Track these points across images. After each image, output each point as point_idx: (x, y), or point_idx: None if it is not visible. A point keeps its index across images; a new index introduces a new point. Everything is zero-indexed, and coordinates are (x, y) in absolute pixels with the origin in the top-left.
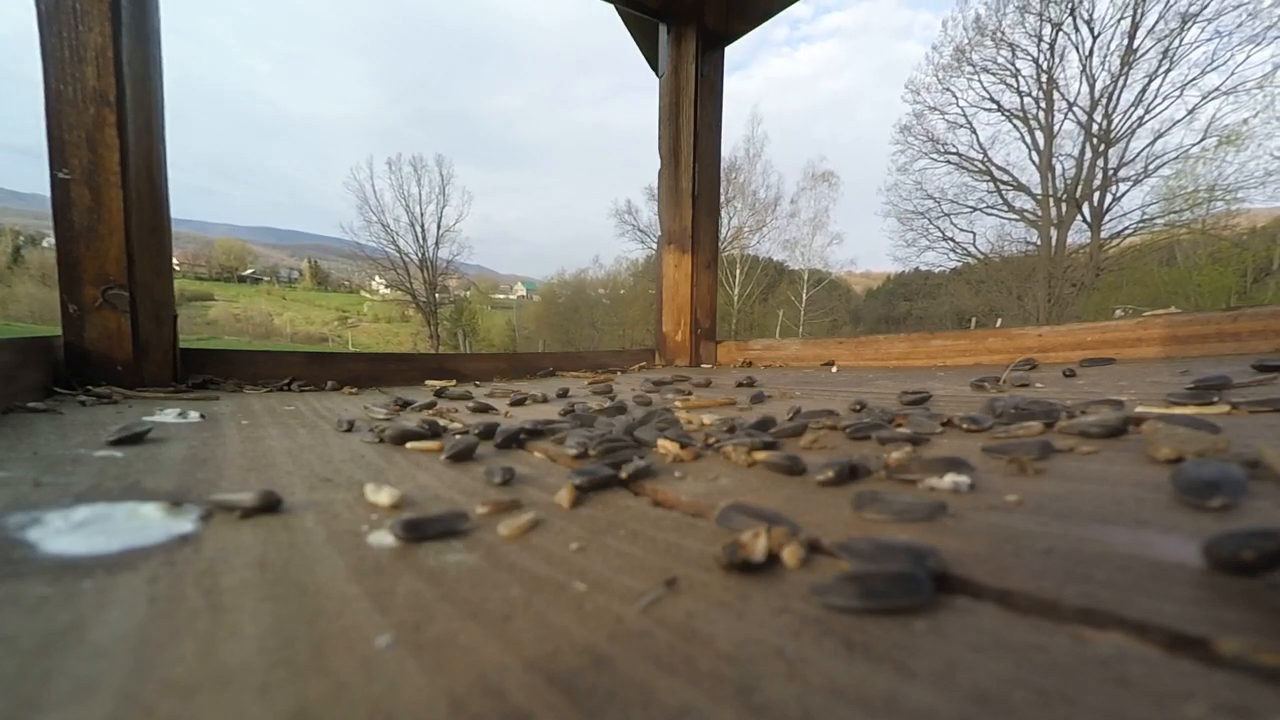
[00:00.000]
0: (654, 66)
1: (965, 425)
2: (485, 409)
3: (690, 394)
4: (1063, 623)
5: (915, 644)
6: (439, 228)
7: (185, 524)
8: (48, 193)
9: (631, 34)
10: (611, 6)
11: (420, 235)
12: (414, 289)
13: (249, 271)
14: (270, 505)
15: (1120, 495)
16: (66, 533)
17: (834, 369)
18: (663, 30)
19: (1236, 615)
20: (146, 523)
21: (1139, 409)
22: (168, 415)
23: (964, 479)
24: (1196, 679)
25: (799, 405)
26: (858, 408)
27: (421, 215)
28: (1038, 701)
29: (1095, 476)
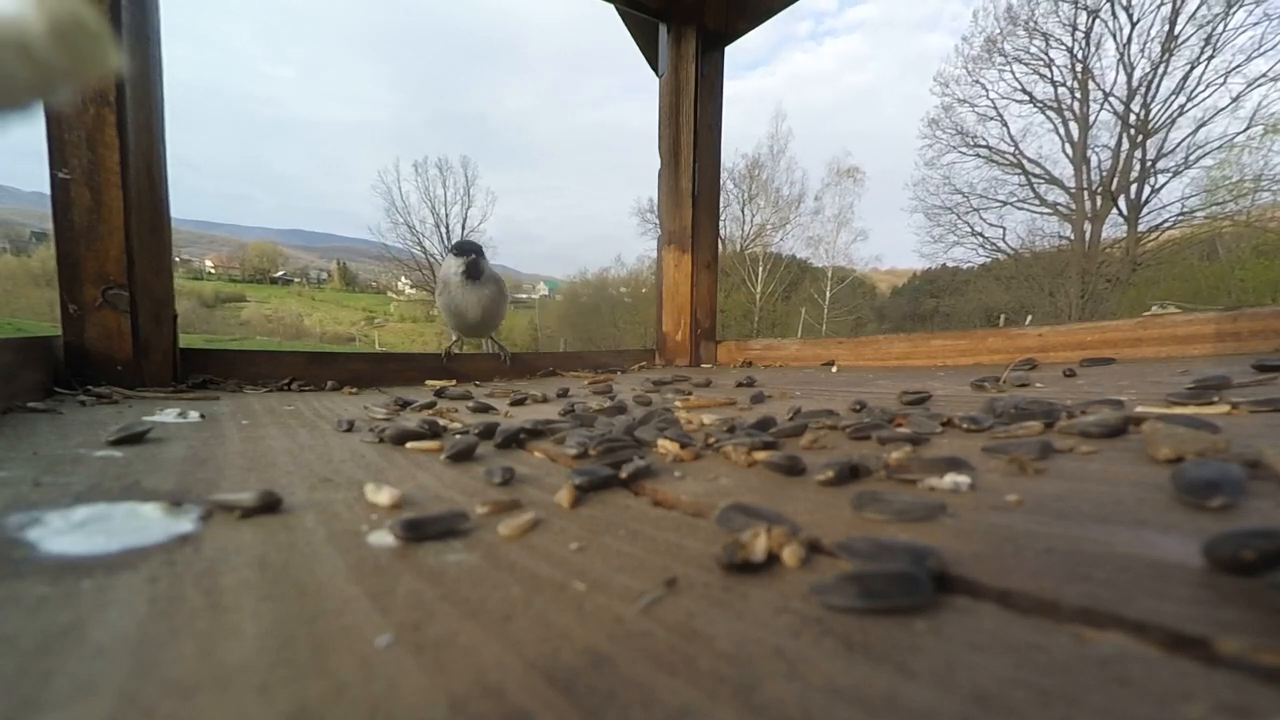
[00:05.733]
0: (654, 67)
1: (965, 425)
2: (485, 409)
3: (690, 394)
4: (1063, 623)
5: (915, 644)
6: (463, 228)
7: (185, 524)
8: None
9: (631, 34)
10: (612, 6)
11: (445, 236)
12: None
13: (280, 273)
14: (270, 505)
15: (1120, 495)
16: (66, 533)
17: (834, 369)
18: (662, 30)
19: (1236, 615)
20: (146, 523)
21: (1139, 409)
22: (168, 415)
23: (964, 479)
24: (1196, 679)
25: (799, 405)
26: (858, 408)
27: (447, 216)
28: (1038, 701)
29: (1095, 476)
